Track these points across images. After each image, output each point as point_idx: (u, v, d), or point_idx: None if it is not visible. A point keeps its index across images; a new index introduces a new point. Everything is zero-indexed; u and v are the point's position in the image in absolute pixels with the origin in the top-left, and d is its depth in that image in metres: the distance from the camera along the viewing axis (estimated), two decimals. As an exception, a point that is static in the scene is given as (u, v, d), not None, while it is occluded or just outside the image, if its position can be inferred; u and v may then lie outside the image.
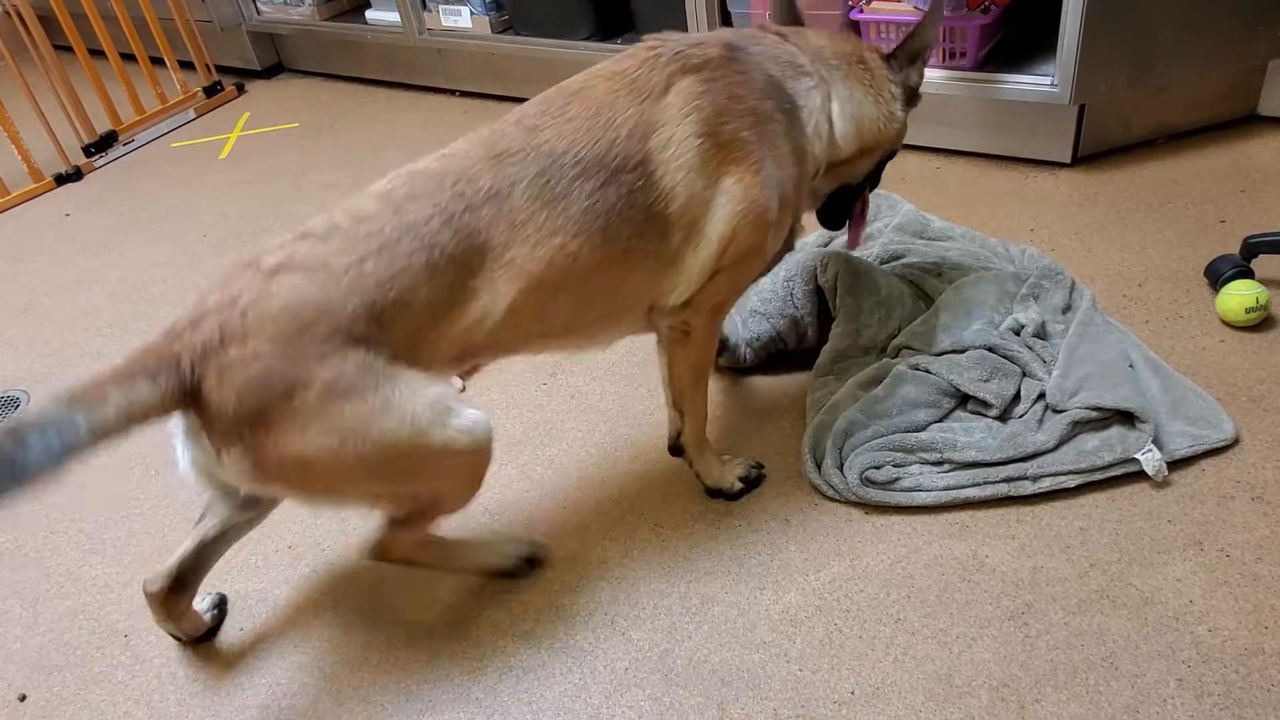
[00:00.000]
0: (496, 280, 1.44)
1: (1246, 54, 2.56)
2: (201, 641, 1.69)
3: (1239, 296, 1.97)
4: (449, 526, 1.69)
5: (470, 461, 1.48)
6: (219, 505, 1.62)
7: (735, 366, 2.08)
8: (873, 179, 1.90)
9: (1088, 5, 2.36)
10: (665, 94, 1.52)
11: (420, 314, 1.41)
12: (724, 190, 1.54)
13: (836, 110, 1.68)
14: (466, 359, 1.53)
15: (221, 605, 1.74)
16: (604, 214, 1.48)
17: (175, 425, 1.42)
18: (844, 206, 1.90)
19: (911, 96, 1.81)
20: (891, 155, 1.87)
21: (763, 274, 1.89)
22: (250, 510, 1.64)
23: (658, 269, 1.56)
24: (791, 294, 2.04)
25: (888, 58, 1.76)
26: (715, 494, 1.81)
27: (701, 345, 1.68)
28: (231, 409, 1.33)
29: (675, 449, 1.81)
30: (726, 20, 2.99)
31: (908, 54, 1.77)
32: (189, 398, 1.34)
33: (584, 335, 1.63)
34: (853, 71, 1.71)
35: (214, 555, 1.65)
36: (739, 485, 1.80)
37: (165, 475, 2.09)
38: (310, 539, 1.86)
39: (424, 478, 1.47)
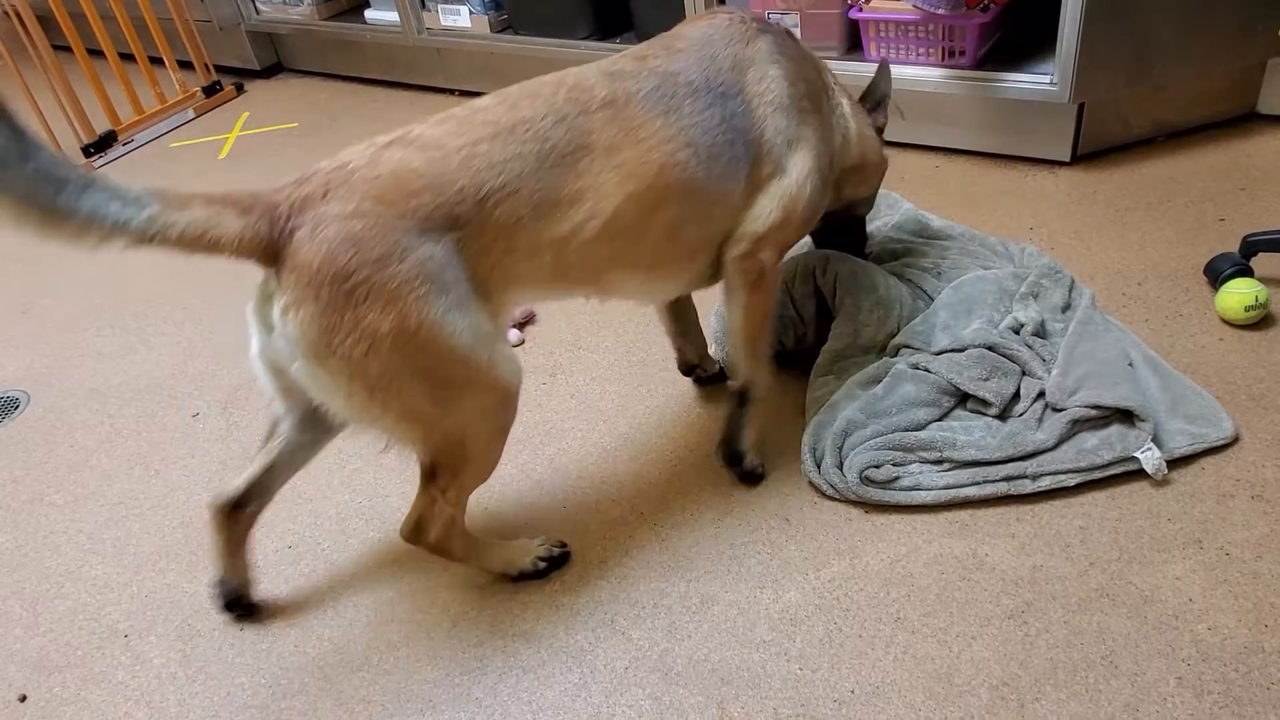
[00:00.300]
0: (605, 183, 1.49)
1: (1245, 52, 2.56)
2: (235, 608, 1.70)
3: (1238, 295, 1.97)
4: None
5: (503, 399, 1.51)
6: (282, 424, 1.63)
7: None
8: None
9: (1087, 4, 2.36)
10: (756, 40, 1.66)
11: (524, 204, 1.43)
12: (804, 138, 1.67)
13: (849, 116, 1.85)
14: (555, 281, 1.54)
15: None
16: (710, 131, 1.57)
17: (250, 306, 1.43)
18: (857, 234, 2.14)
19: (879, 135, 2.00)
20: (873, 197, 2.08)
21: None
22: (309, 431, 1.63)
23: (741, 202, 1.65)
24: (790, 296, 2.04)
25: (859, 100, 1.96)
26: (732, 457, 1.82)
27: (772, 287, 1.76)
28: (318, 262, 1.31)
29: (741, 397, 1.81)
30: (725, 19, 2.99)
31: (874, 99, 2.00)
32: (273, 249, 1.34)
33: (664, 269, 1.66)
34: (850, 96, 1.89)
35: (278, 481, 1.66)
36: (755, 463, 1.82)
37: (166, 475, 2.09)
38: (310, 540, 1.86)
39: (463, 402, 1.46)
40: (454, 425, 1.48)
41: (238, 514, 1.64)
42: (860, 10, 2.74)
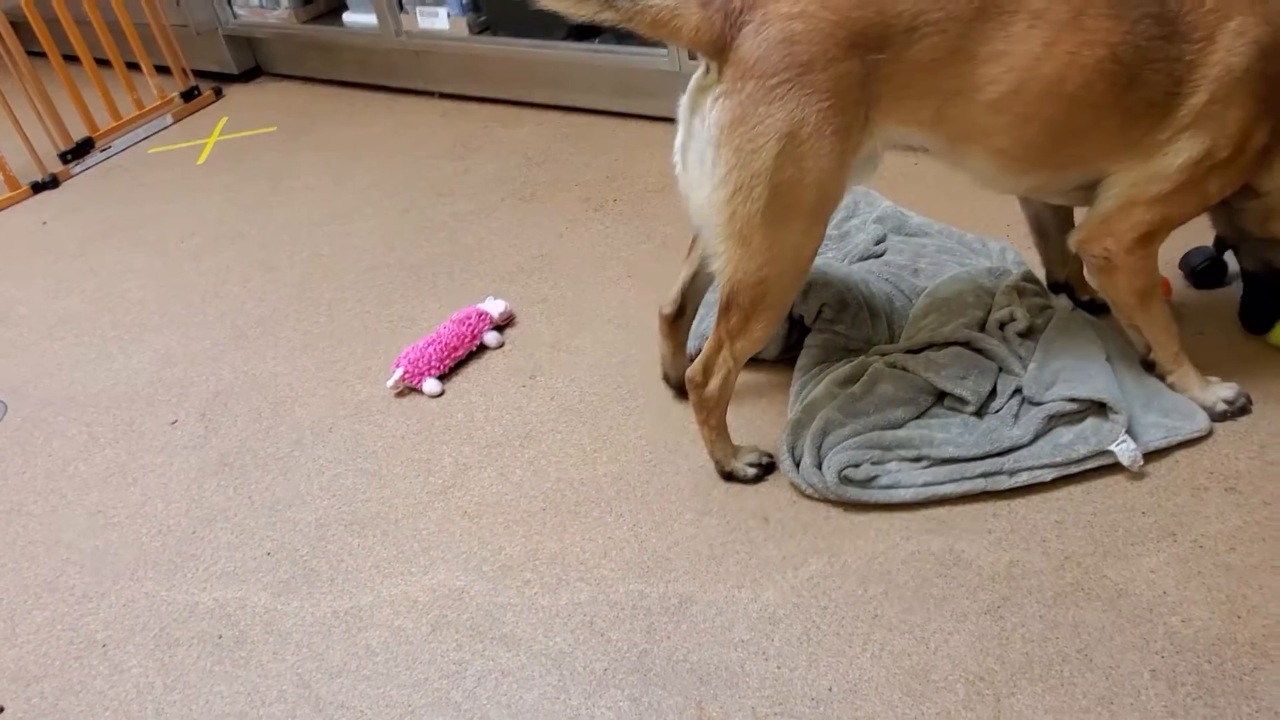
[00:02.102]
0: (1024, 54, 1.46)
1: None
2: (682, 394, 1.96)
3: None
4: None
5: (813, 246, 1.59)
6: (700, 235, 1.75)
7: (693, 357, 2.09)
8: None
9: None
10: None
11: (944, 46, 1.44)
12: (1231, 120, 1.51)
13: None
14: (922, 128, 1.55)
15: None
16: (1149, 61, 1.47)
17: (683, 100, 1.54)
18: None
19: None
20: None
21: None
22: None
23: (1128, 150, 1.56)
24: None
25: None
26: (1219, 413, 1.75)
27: (1128, 275, 1.68)
28: (754, 57, 1.41)
29: (1147, 364, 1.83)
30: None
31: None
32: (721, 41, 1.43)
33: (1017, 162, 1.60)
34: None
35: (704, 287, 1.87)
36: (1233, 400, 1.74)
37: (144, 483, 2.08)
38: (288, 546, 1.86)
39: (786, 235, 1.52)
40: (767, 260, 1.54)
41: (679, 321, 1.90)
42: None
